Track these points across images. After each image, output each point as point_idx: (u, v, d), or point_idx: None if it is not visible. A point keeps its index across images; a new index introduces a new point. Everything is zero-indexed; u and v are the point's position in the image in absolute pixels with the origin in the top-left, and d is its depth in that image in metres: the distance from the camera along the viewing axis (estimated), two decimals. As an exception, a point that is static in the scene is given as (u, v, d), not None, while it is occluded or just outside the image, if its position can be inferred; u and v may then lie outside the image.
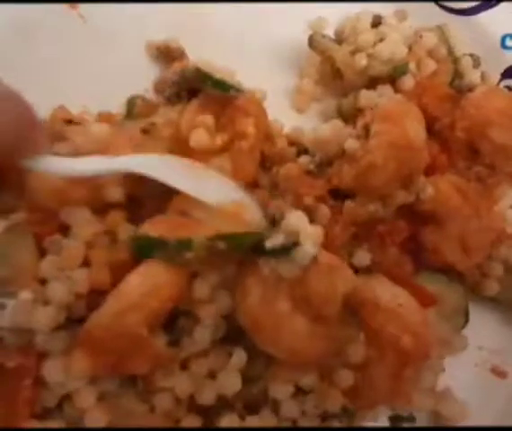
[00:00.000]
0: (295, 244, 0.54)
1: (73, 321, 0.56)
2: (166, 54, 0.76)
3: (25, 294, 0.55)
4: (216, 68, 0.69)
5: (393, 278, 0.62)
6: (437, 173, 0.68)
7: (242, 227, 0.57)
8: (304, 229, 0.55)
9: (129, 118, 0.72)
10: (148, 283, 0.53)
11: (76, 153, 0.63)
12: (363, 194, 0.65)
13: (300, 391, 0.58)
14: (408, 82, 0.73)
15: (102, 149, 0.62)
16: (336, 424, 0.59)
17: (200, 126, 0.64)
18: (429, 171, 0.67)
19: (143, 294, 0.53)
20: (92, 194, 0.60)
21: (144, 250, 0.54)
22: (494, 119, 0.68)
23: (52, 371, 0.55)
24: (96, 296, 0.55)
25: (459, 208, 0.66)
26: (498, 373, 0.70)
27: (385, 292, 0.60)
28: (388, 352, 0.58)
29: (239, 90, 0.66)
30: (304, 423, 0.58)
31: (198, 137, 0.64)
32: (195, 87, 0.69)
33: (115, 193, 0.60)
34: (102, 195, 0.60)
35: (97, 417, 0.56)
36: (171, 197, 0.59)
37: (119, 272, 0.55)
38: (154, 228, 0.55)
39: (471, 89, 0.73)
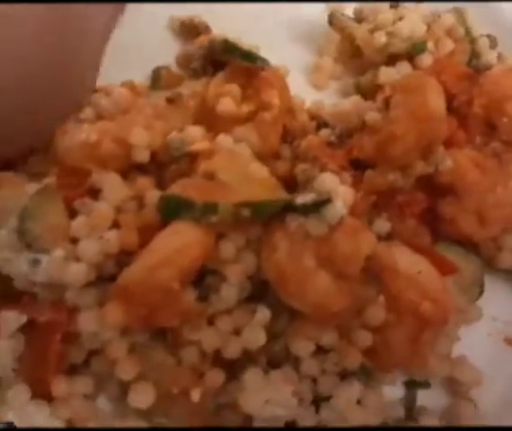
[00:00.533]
0: (327, 201, 0.56)
1: (103, 279, 0.58)
2: (191, 28, 0.78)
3: (58, 252, 0.57)
4: (240, 42, 0.72)
5: (413, 247, 0.63)
6: (456, 148, 0.70)
7: (268, 193, 0.59)
8: (335, 188, 0.57)
9: (154, 88, 0.74)
10: (178, 241, 0.55)
11: (100, 116, 0.66)
12: (383, 164, 0.66)
13: (320, 350, 0.60)
14: (426, 59, 0.75)
15: (125, 112, 0.64)
16: (355, 382, 0.60)
17: (227, 94, 0.66)
18: (448, 145, 0.69)
19: (173, 250, 0.55)
20: (122, 152, 0.62)
21: (171, 211, 0.56)
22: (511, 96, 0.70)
23: (87, 322, 0.57)
24: (125, 257, 0.57)
25: (477, 182, 0.67)
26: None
27: (405, 259, 0.61)
28: (407, 317, 0.59)
29: (265, 62, 0.68)
30: (323, 381, 0.60)
31: (225, 105, 0.66)
32: (221, 60, 0.71)
33: (143, 154, 0.62)
34: (130, 155, 0.62)
35: (127, 369, 0.58)
36: (197, 161, 0.61)
37: (146, 235, 0.57)
38: (182, 190, 0.57)
39: (488, 68, 0.74)
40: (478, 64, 0.77)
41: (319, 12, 0.83)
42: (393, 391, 0.65)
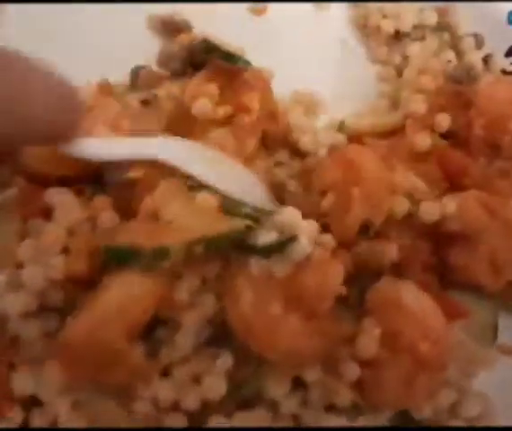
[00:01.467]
0: (292, 239, 0.51)
1: (48, 310, 0.53)
2: (171, 26, 0.73)
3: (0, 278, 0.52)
4: (223, 43, 0.67)
5: (420, 286, 0.58)
6: (465, 179, 0.64)
7: (221, 224, 0.53)
8: (298, 223, 0.52)
9: (133, 88, 0.70)
10: (125, 294, 0.49)
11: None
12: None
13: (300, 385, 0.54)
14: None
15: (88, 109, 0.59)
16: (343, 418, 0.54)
17: (204, 95, 0.61)
18: (457, 177, 0.64)
19: (120, 305, 0.49)
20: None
21: (119, 260, 0.50)
22: (509, 110, 0.65)
23: (21, 382, 0.52)
24: (73, 287, 0.53)
25: (488, 226, 0.61)
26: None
27: (410, 294, 0.56)
28: (403, 355, 0.54)
29: (247, 63, 0.64)
30: (306, 415, 0.54)
31: (201, 106, 0.60)
32: (201, 61, 0.66)
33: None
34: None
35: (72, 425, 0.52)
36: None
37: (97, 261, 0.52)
38: (127, 236, 0.51)
39: (474, 78, 0.69)
40: (462, 72, 0.71)
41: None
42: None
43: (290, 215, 0.52)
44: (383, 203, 0.58)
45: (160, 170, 0.55)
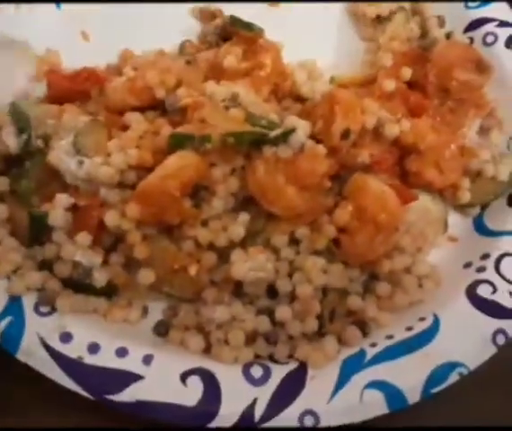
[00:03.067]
0: (292, 131, 0.76)
1: (126, 186, 0.78)
2: (208, 13, 1.00)
3: (97, 159, 0.78)
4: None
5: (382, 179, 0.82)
6: (423, 113, 0.88)
7: (245, 128, 0.78)
8: (297, 122, 0.78)
9: (180, 55, 0.97)
10: (181, 162, 0.76)
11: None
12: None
13: (294, 241, 0.79)
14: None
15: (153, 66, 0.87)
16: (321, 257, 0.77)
17: (231, 54, 0.88)
18: (417, 112, 0.87)
19: (178, 167, 0.75)
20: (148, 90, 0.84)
21: (178, 143, 0.76)
22: (456, 63, 0.90)
23: (112, 217, 0.76)
24: (142, 172, 0.77)
25: (434, 141, 0.85)
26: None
27: (374, 183, 0.79)
28: (368, 224, 0.77)
29: (261, 30, 0.91)
30: (297, 259, 0.78)
31: (230, 61, 0.88)
32: (229, 35, 0.94)
33: (159, 92, 0.85)
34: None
35: (141, 250, 0.76)
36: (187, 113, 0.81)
37: (158, 157, 0.77)
38: (185, 129, 0.78)
39: (434, 44, 0.93)
40: (425, 43, 0.95)
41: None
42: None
43: (292, 118, 0.78)
44: (357, 116, 0.81)
45: (204, 97, 0.81)
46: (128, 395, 0.69)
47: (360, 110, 0.82)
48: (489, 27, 0.99)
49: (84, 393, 0.70)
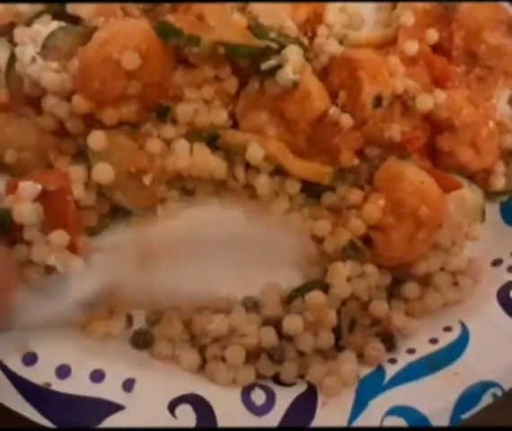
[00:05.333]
0: (280, 67, 0.66)
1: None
2: None
3: (52, 64, 0.68)
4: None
5: (419, 165, 0.70)
6: (449, 82, 0.74)
7: (243, 40, 0.67)
8: (292, 58, 0.66)
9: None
10: (125, 26, 0.68)
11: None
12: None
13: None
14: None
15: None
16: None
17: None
18: (442, 81, 0.74)
19: (120, 31, 0.66)
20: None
21: (163, 33, 0.66)
22: (485, 25, 0.77)
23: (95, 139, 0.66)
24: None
25: (471, 116, 0.72)
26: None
27: (411, 171, 0.68)
28: (406, 219, 0.66)
29: None
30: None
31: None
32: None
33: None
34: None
35: (98, 140, 0.66)
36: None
37: None
38: (176, 21, 0.67)
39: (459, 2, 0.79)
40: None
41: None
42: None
43: (291, 50, 0.67)
44: (387, 78, 0.68)
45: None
46: (106, 431, 0.58)
47: (387, 68, 0.69)
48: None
49: (52, 426, 0.58)
